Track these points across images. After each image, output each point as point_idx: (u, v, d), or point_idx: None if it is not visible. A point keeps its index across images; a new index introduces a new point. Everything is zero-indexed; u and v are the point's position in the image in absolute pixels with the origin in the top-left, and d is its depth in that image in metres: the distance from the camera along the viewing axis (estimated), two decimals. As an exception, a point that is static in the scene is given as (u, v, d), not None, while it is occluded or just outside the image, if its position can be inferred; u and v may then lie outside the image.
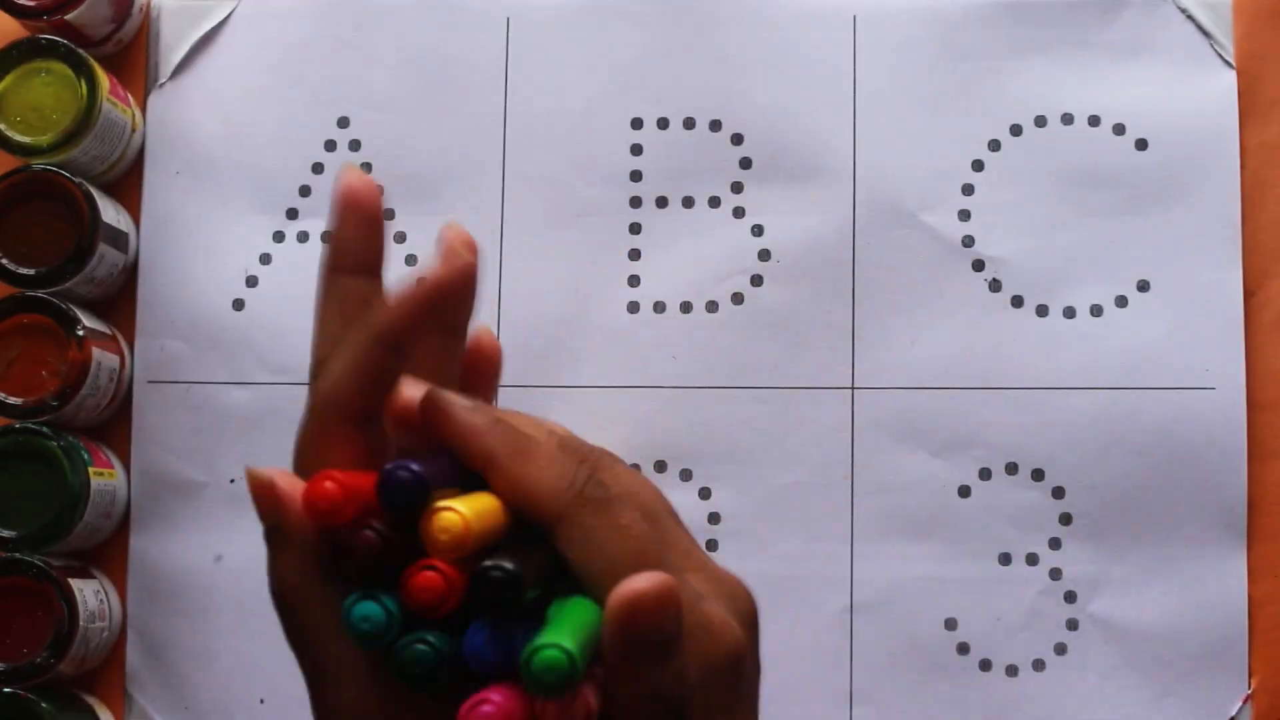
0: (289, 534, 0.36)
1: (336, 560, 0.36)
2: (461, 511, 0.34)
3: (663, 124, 0.60)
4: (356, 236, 0.40)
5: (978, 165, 0.59)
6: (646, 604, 0.33)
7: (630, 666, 0.34)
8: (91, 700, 0.57)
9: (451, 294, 0.39)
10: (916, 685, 0.57)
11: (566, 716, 0.34)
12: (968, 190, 0.59)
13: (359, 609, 0.34)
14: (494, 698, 0.33)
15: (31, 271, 0.56)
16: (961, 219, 0.59)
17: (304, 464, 0.38)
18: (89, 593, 0.55)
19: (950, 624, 0.57)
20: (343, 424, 0.37)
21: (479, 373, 0.43)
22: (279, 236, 0.60)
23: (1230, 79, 0.59)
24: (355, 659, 0.36)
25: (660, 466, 0.58)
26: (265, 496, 0.37)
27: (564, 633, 0.33)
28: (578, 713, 0.34)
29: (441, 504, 0.34)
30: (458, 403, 0.37)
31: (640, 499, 0.37)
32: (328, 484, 0.34)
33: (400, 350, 0.38)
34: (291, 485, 0.36)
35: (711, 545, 0.58)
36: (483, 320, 0.59)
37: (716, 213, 0.59)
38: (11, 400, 0.55)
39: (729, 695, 0.36)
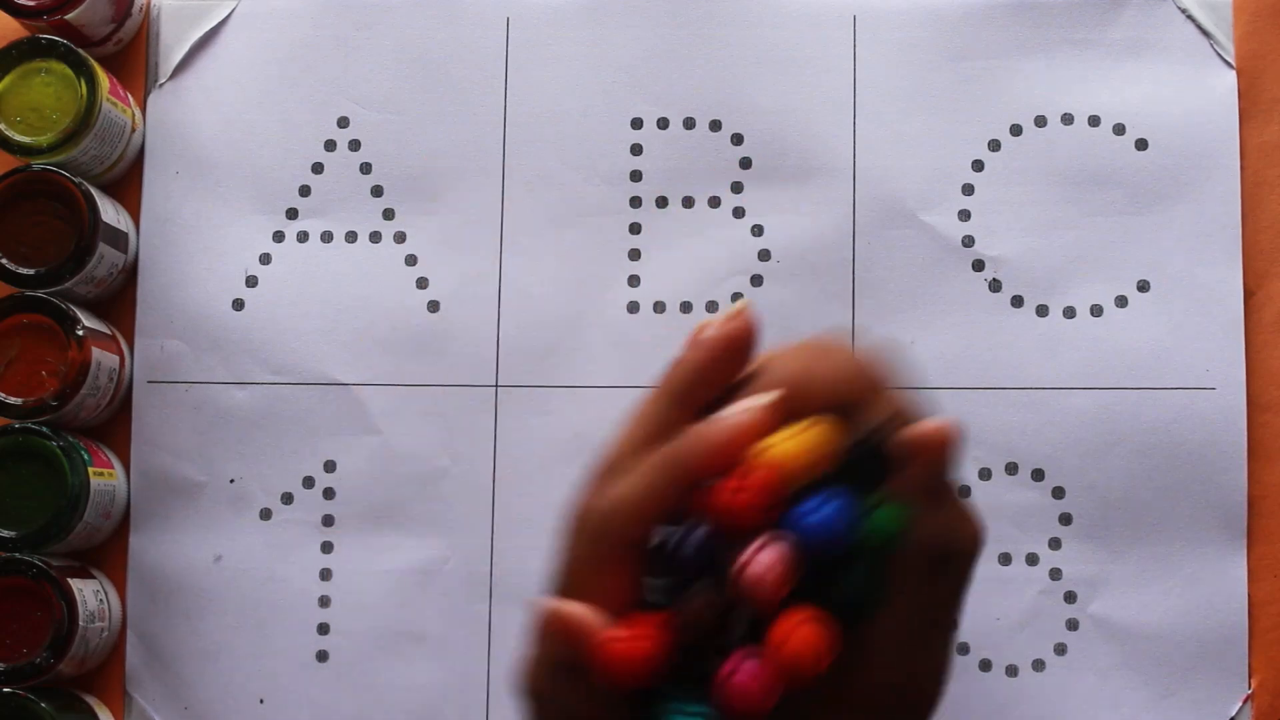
0: (589, 672, 0.36)
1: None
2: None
3: (663, 124, 0.60)
4: (713, 379, 0.39)
5: (978, 165, 0.59)
6: (938, 442, 0.37)
7: (916, 507, 0.36)
8: (91, 700, 0.57)
9: (751, 433, 0.38)
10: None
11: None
12: (968, 190, 0.59)
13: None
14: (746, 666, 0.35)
15: (31, 271, 0.56)
16: (961, 219, 0.59)
17: (577, 586, 0.37)
18: (89, 593, 0.55)
19: (950, 624, 0.57)
20: (622, 549, 0.37)
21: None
22: (279, 236, 0.60)
23: (1230, 79, 0.59)
24: None
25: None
26: (573, 632, 0.36)
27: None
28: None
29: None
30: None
31: None
32: (645, 644, 0.35)
33: (695, 488, 0.37)
34: (597, 622, 0.36)
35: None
36: (483, 320, 0.59)
37: (716, 213, 0.59)
38: (11, 400, 0.55)
39: (968, 563, 0.39)
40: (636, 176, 0.60)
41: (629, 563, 0.37)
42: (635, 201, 0.60)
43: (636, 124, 0.60)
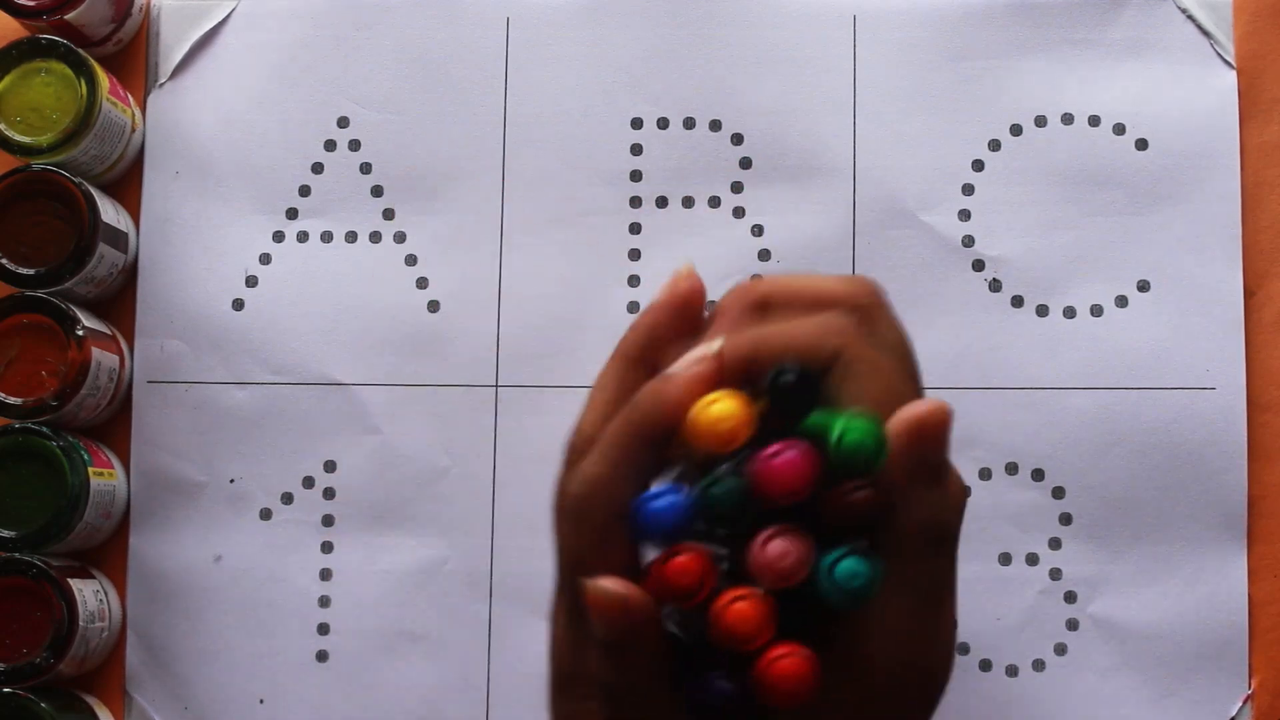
0: (641, 642, 0.37)
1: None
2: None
3: (663, 124, 0.60)
4: (665, 339, 0.41)
5: (978, 165, 0.59)
6: (932, 424, 0.37)
7: (912, 488, 0.37)
8: (91, 700, 0.57)
9: (700, 384, 0.39)
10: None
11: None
12: (968, 190, 0.59)
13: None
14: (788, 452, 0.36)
15: (31, 271, 0.56)
16: (962, 219, 0.59)
17: (580, 569, 0.38)
18: (89, 593, 0.55)
19: (950, 624, 0.57)
20: (604, 525, 0.38)
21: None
22: (279, 236, 0.60)
23: (1230, 79, 0.59)
24: None
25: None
26: (616, 609, 0.37)
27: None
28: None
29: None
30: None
31: (904, 350, 0.41)
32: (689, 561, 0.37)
33: (664, 442, 0.38)
34: (640, 596, 0.37)
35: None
36: (483, 321, 0.60)
37: (716, 213, 0.59)
38: (11, 400, 0.55)
39: (958, 533, 0.39)
40: (636, 176, 0.60)
41: (617, 533, 0.38)
42: (635, 201, 0.60)
43: (636, 124, 0.60)
